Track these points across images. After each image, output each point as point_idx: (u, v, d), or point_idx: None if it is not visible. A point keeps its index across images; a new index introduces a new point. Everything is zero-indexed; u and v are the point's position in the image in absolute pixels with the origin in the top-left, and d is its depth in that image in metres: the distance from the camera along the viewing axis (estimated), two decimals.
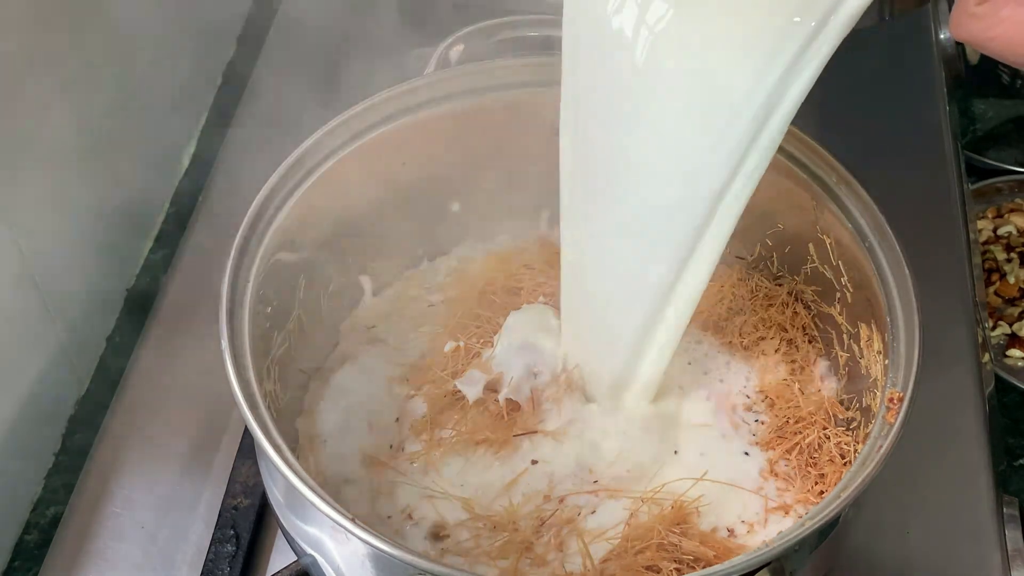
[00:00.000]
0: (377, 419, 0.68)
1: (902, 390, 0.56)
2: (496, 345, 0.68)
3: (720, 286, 0.72)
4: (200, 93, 1.02)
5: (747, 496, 0.63)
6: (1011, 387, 0.90)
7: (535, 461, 0.64)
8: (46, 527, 0.78)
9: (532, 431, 0.65)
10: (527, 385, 0.66)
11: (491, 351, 0.68)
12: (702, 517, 0.62)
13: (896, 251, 0.61)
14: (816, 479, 0.64)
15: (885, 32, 0.98)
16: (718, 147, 0.53)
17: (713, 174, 0.54)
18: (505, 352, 0.68)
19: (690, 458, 0.65)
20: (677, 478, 0.63)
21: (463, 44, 0.75)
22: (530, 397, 0.66)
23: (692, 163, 0.54)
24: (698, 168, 0.54)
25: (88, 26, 0.82)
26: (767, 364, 0.70)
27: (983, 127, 1.09)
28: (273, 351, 0.68)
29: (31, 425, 0.78)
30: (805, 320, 0.70)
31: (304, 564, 0.62)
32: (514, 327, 0.69)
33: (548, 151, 0.74)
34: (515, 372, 0.66)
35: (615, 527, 0.61)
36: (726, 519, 0.63)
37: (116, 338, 0.88)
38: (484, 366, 0.67)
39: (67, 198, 0.81)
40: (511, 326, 0.69)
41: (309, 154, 0.65)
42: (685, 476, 0.63)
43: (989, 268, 0.98)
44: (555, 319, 0.69)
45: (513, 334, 0.68)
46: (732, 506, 0.63)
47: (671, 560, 0.59)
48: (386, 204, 0.72)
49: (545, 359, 0.67)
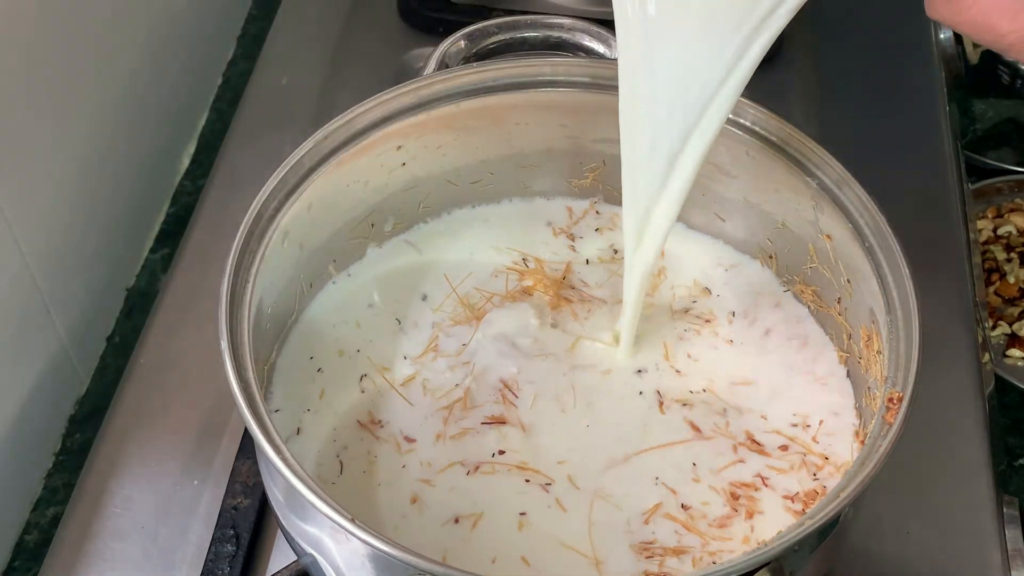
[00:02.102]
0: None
1: (902, 390, 0.56)
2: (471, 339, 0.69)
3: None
4: (200, 93, 1.02)
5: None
6: (1011, 387, 0.90)
7: (502, 451, 0.64)
8: (46, 527, 0.78)
9: (500, 421, 0.65)
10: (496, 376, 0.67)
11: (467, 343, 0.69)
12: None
13: (896, 251, 0.61)
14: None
15: (885, 32, 0.98)
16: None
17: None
18: (479, 343, 0.69)
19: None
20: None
21: (463, 44, 0.75)
22: (501, 388, 0.67)
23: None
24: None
25: (88, 26, 0.82)
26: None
27: (983, 127, 1.09)
28: (273, 351, 0.68)
29: (31, 425, 0.79)
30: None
31: (304, 564, 0.62)
32: (493, 321, 0.70)
33: (549, 151, 0.74)
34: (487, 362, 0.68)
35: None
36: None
37: (116, 338, 0.88)
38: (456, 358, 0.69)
39: (67, 198, 0.81)
40: (490, 320, 0.70)
41: (309, 154, 0.65)
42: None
43: (989, 268, 0.98)
44: (534, 319, 0.70)
45: (490, 327, 0.69)
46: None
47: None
48: (386, 205, 0.72)
49: (518, 353, 0.68)
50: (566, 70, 0.70)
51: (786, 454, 0.65)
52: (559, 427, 0.66)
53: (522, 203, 0.77)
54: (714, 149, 0.69)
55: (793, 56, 0.95)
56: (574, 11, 0.95)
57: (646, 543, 0.61)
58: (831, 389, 0.67)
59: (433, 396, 0.67)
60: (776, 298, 0.72)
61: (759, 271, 0.73)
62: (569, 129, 0.73)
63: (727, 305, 0.72)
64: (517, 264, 0.74)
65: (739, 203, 0.72)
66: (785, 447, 0.65)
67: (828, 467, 0.64)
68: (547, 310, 0.71)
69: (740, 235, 0.73)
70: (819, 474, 0.64)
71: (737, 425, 0.66)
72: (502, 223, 0.76)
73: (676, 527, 0.62)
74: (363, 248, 0.73)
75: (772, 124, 0.67)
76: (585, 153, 0.74)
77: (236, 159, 0.89)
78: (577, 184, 0.76)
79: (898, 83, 0.95)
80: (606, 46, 0.74)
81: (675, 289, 0.73)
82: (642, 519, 0.62)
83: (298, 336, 0.69)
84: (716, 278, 0.73)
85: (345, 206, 0.70)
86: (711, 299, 0.72)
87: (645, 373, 0.69)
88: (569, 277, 0.73)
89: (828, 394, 0.67)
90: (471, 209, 0.76)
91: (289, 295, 0.68)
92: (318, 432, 0.66)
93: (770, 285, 0.72)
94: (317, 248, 0.69)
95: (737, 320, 0.71)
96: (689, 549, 0.61)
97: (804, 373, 0.68)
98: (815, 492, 0.63)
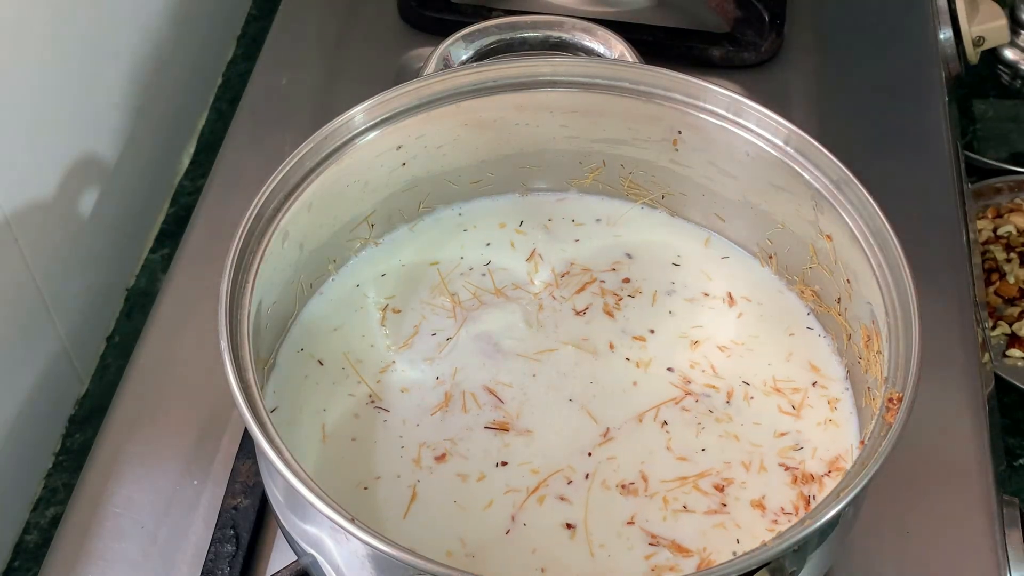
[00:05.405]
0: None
1: (901, 390, 0.56)
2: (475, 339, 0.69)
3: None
4: (200, 93, 1.02)
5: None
6: (1011, 387, 0.90)
7: (505, 463, 0.65)
8: (46, 527, 0.78)
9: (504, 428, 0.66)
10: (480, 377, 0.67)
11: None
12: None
13: (896, 251, 0.61)
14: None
15: (885, 32, 0.98)
16: None
17: None
18: (461, 342, 0.69)
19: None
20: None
21: (463, 44, 0.75)
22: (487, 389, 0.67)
23: None
24: None
25: (88, 26, 0.82)
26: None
27: (983, 127, 1.09)
28: (273, 351, 0.68)
29: (31, 425, 0.79)
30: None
31: (304, 564, 0.62)
32: (494, 321, 0.70)
33: (549, 151, 0.74)
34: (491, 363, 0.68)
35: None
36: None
37: (116, 338, 0.88)
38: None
39: (67, 198, 0.81)
40: (491, 320, 0.70)
41: (309, 154, 0.65)
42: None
43: (989, 268, 0.98)
44: (522, 323, 0.70)
45: (472, 325, 0.70)
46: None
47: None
48: (386, 204, 0.72)
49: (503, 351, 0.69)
50: (566, 70, 0.70)
51: (784, 454, 0.65)
52: (555, 423, 0.66)
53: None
54: (714, 149, 0.70)
55: (793, 56, 0.95)
56: (574, 11, 0.95)
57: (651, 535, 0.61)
58: (831, 389, 0.67)
59: (434, 397, 0.67)
60: (776, 298, 0.72)
61: (759, 270, 0.73)
62: (569, 129, 0.73)
63: (727, 304, 0.72)
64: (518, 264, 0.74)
65: (739, 203, 0.72)
66: (783, 447, 0.65)
67: (827, 467, 0.64)
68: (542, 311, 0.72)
69: (740, 235, 0.73)
70: (817, 474, 0.64)
71: (735, 424, 0.66)
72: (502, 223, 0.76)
73: (672, 526, 0.62)
74: (363, 248, 0.73)
75: (772, 124, 0.67)
76: (585, 153, 0.74)
77: (236, 159, 0.88)
78: (577, 184, 0.76)
79: (898, 83, 0.95)
80: (606, 46, 0.74)
81: (674, 288, 0.73)
82: (643, 513, 0.62)
83: (298, 336, 0.69)
84: (716, 278, 0.73)
85: (345, 206, 0.70)
86: (711, 298, 0.72)
87: (643, 372, 0.69)
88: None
89: (828, 394, 0.67)
90: (471, 209, 0.76)
91: (289, 295, 0.68)
92: (318, 432, 0.66)
93: (770, 285, 0.72)
94: (317, 248, 0.69)
95: (736, 320, 0.71)
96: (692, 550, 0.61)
97: (803, 373, 0.68)
98: (811, 498, 0.63)
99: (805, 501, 0.63)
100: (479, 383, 0.68)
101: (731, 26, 0.95)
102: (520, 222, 0.75)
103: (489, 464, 0.64)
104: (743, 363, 0.69)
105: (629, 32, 0.78)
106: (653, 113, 0.70)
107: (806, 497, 0.63)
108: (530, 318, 0.71)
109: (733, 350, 0.69)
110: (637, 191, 0.75)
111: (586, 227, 0.76)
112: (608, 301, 0.72)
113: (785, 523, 0.62)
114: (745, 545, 0.61)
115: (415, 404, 0.67)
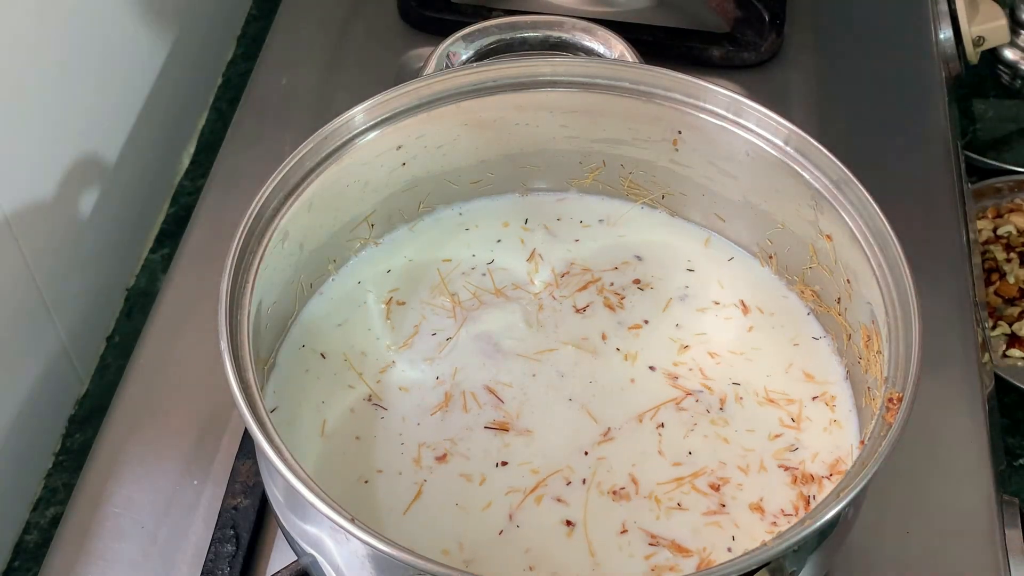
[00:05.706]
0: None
1: (902, 390, 0.56)
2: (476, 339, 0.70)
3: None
4: (200, 93, 1.02)
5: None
6: (1011, 387, 0.90)
7: (505, 462, 0.64)
8: (46, 527, 0.78)
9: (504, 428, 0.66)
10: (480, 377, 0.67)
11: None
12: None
13: (896, 251, 0.61)
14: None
15: (885, 32, 0.98)
16: None
17: None
18: (461, 342, 0.69)
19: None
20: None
21: (463, 44, 0.75)
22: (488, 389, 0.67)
23: None
24: None
25: (88, 26, 0.82)
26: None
27: (983, 127, 1.09)
28: (273, 351, 0.68)
29: (31, 425, 0.79)
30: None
31: (304, 564, 0.62)
32: (493, 320, 0.70)
33: (549, 151, 0.74)
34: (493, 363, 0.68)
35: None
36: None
37: (116, 338, 0.88)
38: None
39: (67, 198, 0.81)
40: (491, 319, 0.70)
41: (309, 154, 0.65)
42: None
43: (989, 268, 0.98)
44: (521, 323, 0.70)
45: (472, 325, 0.70)
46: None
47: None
48: (386, 205, 0.72)
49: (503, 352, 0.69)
50: (566, 70, 0.70)
51: (783, 455, 0.65)
52: (555, 422, 0.66)
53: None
54: (714, 149, 0.70)
55: (793, 56, 0.95)
56: (574, 11, 0.95)
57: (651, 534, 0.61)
58: (831, 390, 0.67)
59: (434, 396, 0.67)
60: (776, 298, 0.72)
61: (759, 271, 0.73)
62: (569, 129, 0.73)
63: (726, 305, 0.72)
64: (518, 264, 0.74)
65: (739, 203, 0.72)
66: (782, 447, 0.65)
67: (828, 470, 0.64)
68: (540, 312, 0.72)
69: (740, 235, 0.73)
70: (817, 475, 0.64)
71: (734, 424, 0.66)
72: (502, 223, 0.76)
73: (670, 525, 0.62)
74: (363, 248, 0.73)
75: (772, 124, 0.67)
76: (585, 153, 0.74)
77: (236, 159, 0.88)
78: (577, 184, 0.76)
79: (898, 83, 0.95)
80: (606, 46, 0.74)
81: (673, 286, 0.73)
82: (642, 516, 0.62)
83: (298, 336, 0.70)
84: (716, 277, 0.73)
85: (345, 206, 0.70)
86: (710, 299, 0.72)
87: (641, 371, 0.69)
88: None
89: (827, 394, 0.67)
90: (471, 209, 0.76)
91: (289, 295, 0.68)
92: (318, 432, 0.66)
93: (770, 285, 0.72)
94: (317, 248, 0.69)
95: (736, 320, 0.71)
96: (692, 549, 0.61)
97: (803, 372, 0.68)
98: (811, 498, 0.63)
99: (805, 501, 0.63)
100: (479, 383, 0.68)
101: (731, 26, 0.95)
102: (520, 222, 0.75)
103: (489, 464, 0.64)
104: (747, 368, 0.69)
105: (629, 32, 0.78)
106: (653, 113, 0.70)
107: (806, 497, 0.63)
108: (530, 318, 0.71)
109: (734, 355, 0.69)
110: (637, 191, 0.75)
111: (586, 227, 0.76)
112: (610, 299, 0.72)
113: (785, 523, 0.62)
114: (745, 545, 0.61)
115: (415, 404, 0.67)
